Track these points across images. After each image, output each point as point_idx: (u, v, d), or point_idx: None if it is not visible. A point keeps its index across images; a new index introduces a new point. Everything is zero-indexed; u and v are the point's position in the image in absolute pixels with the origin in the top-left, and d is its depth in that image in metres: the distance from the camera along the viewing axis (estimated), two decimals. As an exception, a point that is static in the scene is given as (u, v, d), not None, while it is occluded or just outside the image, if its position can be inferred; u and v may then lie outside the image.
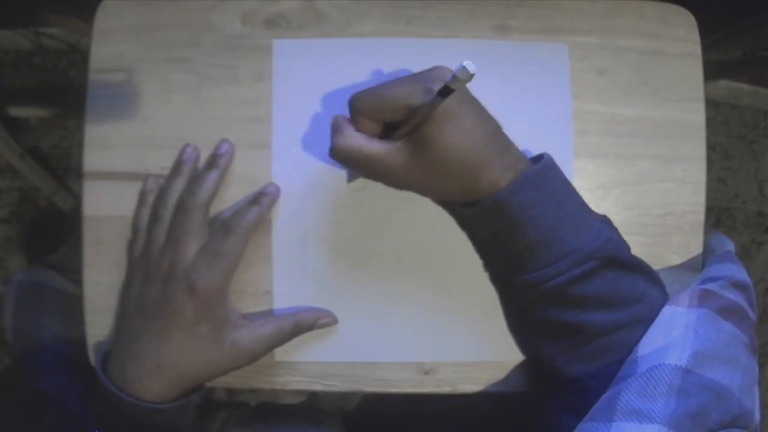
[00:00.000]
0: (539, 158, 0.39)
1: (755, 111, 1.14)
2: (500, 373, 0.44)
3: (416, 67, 0.45)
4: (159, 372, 0.39)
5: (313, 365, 0.44)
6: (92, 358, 0.44)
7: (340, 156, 0.39)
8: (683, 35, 0.46)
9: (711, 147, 1.11)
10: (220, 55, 0.45)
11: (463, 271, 0.44)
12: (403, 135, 0.37)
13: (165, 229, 0.41)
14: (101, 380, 0.39)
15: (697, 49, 0.46)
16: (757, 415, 0.34)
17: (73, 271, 0.52)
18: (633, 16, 0.46)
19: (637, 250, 0.45)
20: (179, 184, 0.42)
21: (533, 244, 0.37)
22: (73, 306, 0.46)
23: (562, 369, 0.38)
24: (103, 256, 0.44)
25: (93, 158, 0.45)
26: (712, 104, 1.12)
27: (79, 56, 1.08)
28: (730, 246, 0.43)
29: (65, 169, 1.08)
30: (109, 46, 0.45)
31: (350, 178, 0.44)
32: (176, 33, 0.45)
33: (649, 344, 0.35)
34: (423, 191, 0.41)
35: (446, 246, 0.44)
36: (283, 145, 0.45)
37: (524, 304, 0.40)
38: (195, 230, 0.40)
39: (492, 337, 0.44)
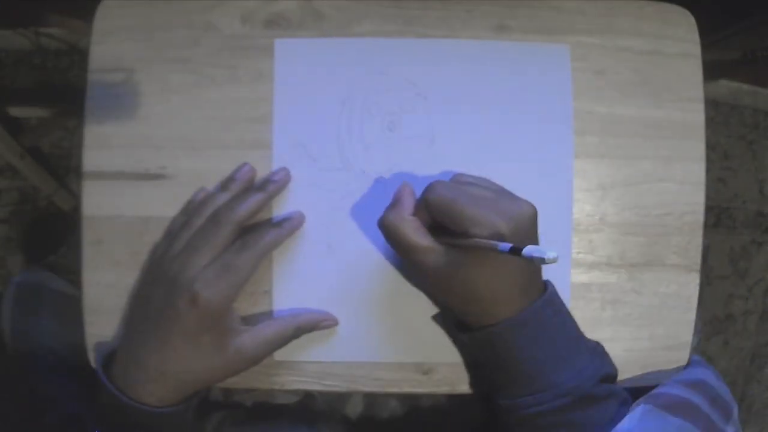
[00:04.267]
0: (545, 286, 0.40)
1: (755, 111, 1.14)
2: (500, 373, 0.44)
3: (416, 67, 0.45)
4: (162, 378, 0.38)
5: (313, 365, 0.44)
6: (92, 358, 0.44)
7: (385, 229, 0.39)
8: (683, 35, 0.46)
9: (711, 147, 1.11)
10: (220, 55, 0.45)
11: (462, 271, 0.44)
12: (448, 244, 0.37)
13: (190, 237, 0.41)
14: (103, 382, 0.39)
15: (696, 49, 0.46)
16: None
17: (72, 273, 0.52)
18: (633, 16, 0.46)
19: (636, 250, 0.45)
20: (222, 200, 0.42)
21: (516, 376, 0.38)
22: (71, 307, 0.46)
23: None
24: (103, 256, 0.44)
25: (93, 158, 0.45)
26: (712, 104, 1.12)
27: (79, 56, 1.08)
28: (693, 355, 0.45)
29: (65, 169, 1.08)
30: (109, 46, 0.45)
31: None
32: (176, 33, 0.45)
33: None
34: (434, 297, 0.43)
35: (446, 246, 0.44)
36: (284, 146, 0.45)
37: (503, 422, 0.41)
38: (217, 244, 0.39)
39: (492, 337, 0.44)
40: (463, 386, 0.45)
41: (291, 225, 0.43)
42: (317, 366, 0.44)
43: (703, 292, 0.45)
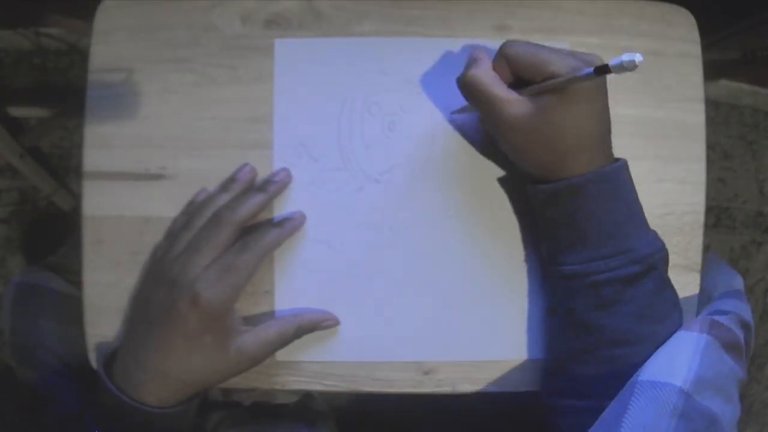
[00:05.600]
0: (617, 160, 0.40)
1: (755, 111, 1.14)
2: (500, 373, 0.44)
3: (416, 67, 0.45)
4: (163, 378, 0.39)
5: (313, 365, 0.44)
6: (92, 358, 0.44)
7: (467, 85, 0.39)
8: (683, 35, 0.46)
9: (711, 147, 1.11)
10: (220, 55, 0.45)
11: (463, 271, 0.44)
12: (532, 93, 0.37)
13: (191, 237, 0.41)
14: (104, 382, 0.39)
15: (697, 49, 0.46)
16: None
17: (72, 273, 0.52)
18: (633, 16, 0.46)
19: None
20: (223, 200, 0.42)
21: (592, 235, 0.37)
22: (71, 307, 0.46)
23: (569, 368, 0.39)
24: (103, 256, 0.44)
25: (93, 158, 0.45)
26: (712, 104, 1.12)
27: (79, 56, 1.08)
28: (740, 283, 0.44)
29: (65, 169, 1.08)
30: (109, 46, 0.45)
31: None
32: (176, 33, 0.45)
33: (655, 359, 0.35)
34: (514, 153, 0.41)
35: (446, 246, 0.44)
36: (285, 145, 0.45)
37: (560, 295, 0.40)
38: (218, 244, 0.39)
39: (492, 337, 0.44)
40: (464, 386, 0.45)
41: (292, 225, 0.43)
42: (317, 366, 0.44)
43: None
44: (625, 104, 0.46)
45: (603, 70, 0.32)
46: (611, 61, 0.31)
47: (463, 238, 0.44)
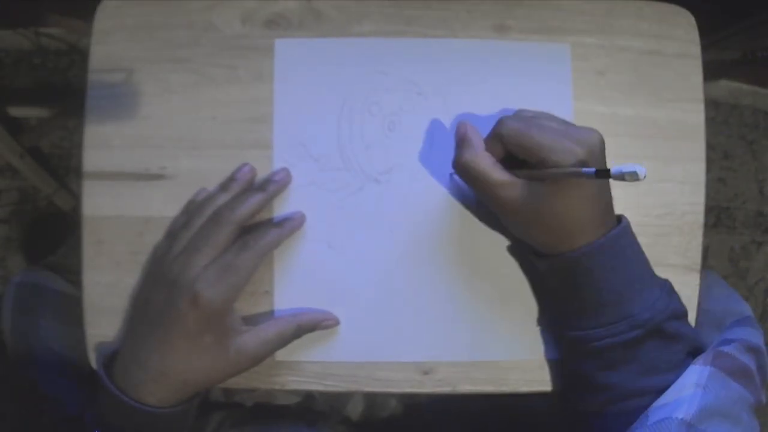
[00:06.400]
0: (619, 219, 0.40)
1: (755, 111, 1.14)
2: (500, 373, 0.44)
3: (416, 67, 0.45)
4: (163, 379, 0.38)
5: (313, 365, 0.44)
6: (92, 358, 0.44)
7: (463, 170, 0.39)
8: (683, 35, 0.46)
9: (711, 147, 1.11)
10: (220, 55, 0.45)
11: (463, 271, 0.44)
12: (528, 177, 0.38)
13: (190, 237, 0.41)
14: (104, 382, 0.39)
15: (696, 49, 0.46)
16: None
17: (72, 273, 0.52)
18: (633, 16, 0.46)
19: (636, 250, 0.45)
20: (222, 200, 0.42)
21: (591, 305, 0.38)
22: (71, 307, 0.46)
23: (586, 420, 0.41)
24: (103, 256, 0.44)
25: (93, 158, 0.45)
26: (712, 104, 1.12)
27: (79, 56, 1.08)
28: (748, 311, 0.45)
29: (65, 169, 1.08)
30: (109, 46, 0.45)
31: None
32: (176, 33, 0.45)
33: (662, 399, 0.36)
34: (514, 230, 0.42)
35: (446, 246, 0.44)
36: (285, 145, 0.45)
37: (568, 355, 0.42)
38: (218, 244, 0.39)
39: (492, 337, 0.44)
40: (464, 386, 0.45)
41: (292, 225, 0.43)
42: (318, 366, 0.44)
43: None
44: (625, 104, 0.46)
45: (604, 174, 0.32)
46: (613, 169, 0.31)
47: (463, 238, 0.44)
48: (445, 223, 0.44)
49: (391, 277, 0.44)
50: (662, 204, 0.45)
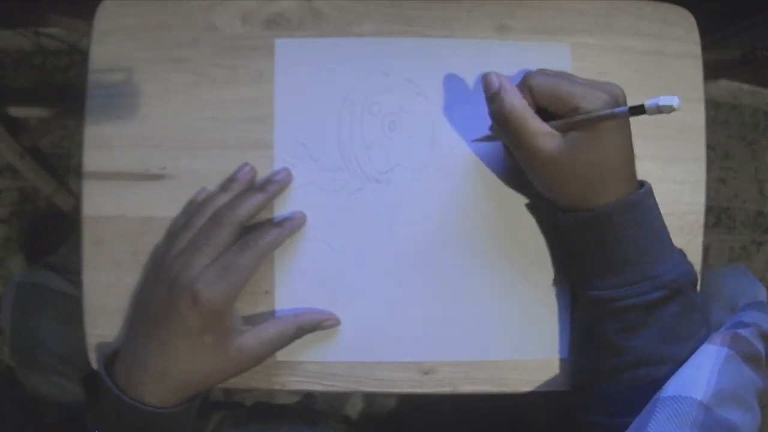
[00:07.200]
0: (641, 184, 0.40)
1: (755, 111, 1.14)
2: (500, 373, 0.44)
3: (416, 67, 0.45)
4: (164, 379, 0.39)
5: (313, 365, 0.44)
6: (92, 358, 0.44)
7: (506, 119, 0.38)
8: (683, 35, 0.46)
9: (711, 147, 1.11)
10: (220, 55, 0.45)
11: (463, 270, 0.44)
12: (562, 128, 0.38)
13: (191, 237, 0.41)
14: (104, 382, 0.39)
15: (697, 49, 0.46)
16: None
17: (72, 272, 0.52)
18: (633, 16, 0.46)
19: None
20: (223, 200, 0.42)
21: (616, 262, 0.38)
22: (71, 307, 0.46)
23: (597, 387, 0.40)
24: (103, 256, 0.44)
25: (93, 158, 0.45)
26: (712, 104, 1.12)
27: (79, 56, 1.08)
28: (763, 294, 0.46)
29: (65, 169, 1.08)
30: (109, 46, 0.45)
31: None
32: (176, 33, 0.45)
33: (678, 375, 0.36)
34: (543, 185, 0.41)
35: (446, 246, 0.44)
36: (285, 145, 0.45)
37: (588, 317, 0.41)
38: (218, 244, 0.39)
39: (492, 337, 0.44)
40: (464, 386, 0.45)
41: (292, 225, 0.43)
42: (318, 366, 0.44)
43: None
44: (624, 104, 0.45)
45: (638, 110, 0.33)
46: (647, 102, 0.32)
47: (463, 238, 0.44)
48: (445, 222, 0.44)
49: (391, 277, 0.44)
50: (662, 204, 0.45)
